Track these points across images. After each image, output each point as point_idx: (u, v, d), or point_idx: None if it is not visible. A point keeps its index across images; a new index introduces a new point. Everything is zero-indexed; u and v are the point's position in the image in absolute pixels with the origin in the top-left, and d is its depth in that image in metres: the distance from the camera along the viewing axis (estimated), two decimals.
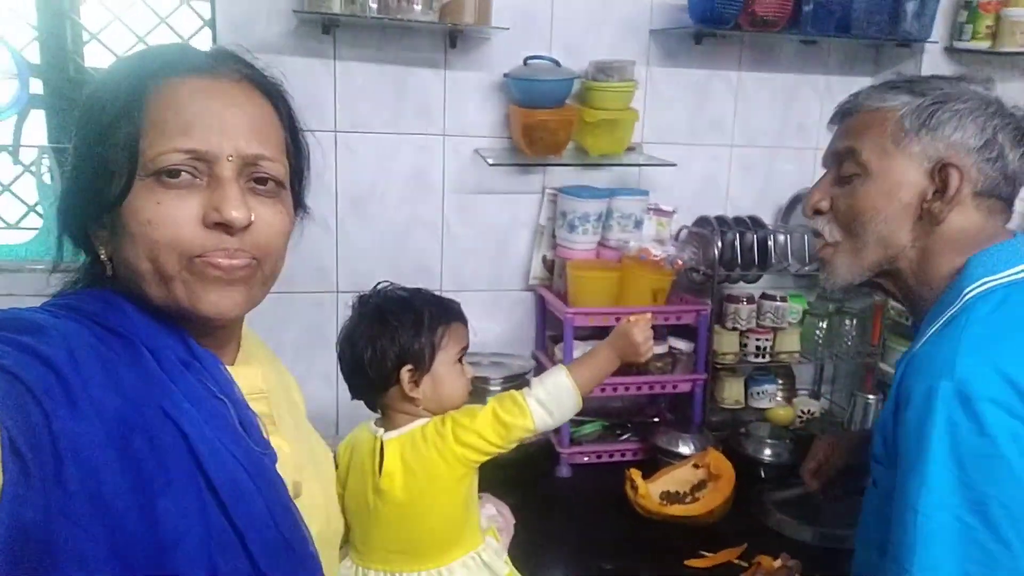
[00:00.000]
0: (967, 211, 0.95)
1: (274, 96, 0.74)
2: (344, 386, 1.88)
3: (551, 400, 1.12)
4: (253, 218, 0.68)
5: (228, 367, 0.74)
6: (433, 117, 1.79)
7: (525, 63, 1.73)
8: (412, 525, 1.09)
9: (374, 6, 1.56)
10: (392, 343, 1.09)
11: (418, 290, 1.17)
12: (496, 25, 1.67)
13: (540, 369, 1.91)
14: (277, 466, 0.73)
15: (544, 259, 1.90)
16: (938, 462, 0.83)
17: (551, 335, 1.90)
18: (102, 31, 1.68)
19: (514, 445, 1.12)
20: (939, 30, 1.88)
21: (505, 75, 1.75)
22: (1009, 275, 0.91)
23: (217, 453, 0.65)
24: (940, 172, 0.95)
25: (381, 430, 1.11)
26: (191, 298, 0.67)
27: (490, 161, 1.76)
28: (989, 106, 0.96)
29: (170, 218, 0.65)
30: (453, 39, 1.73)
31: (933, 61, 1.89)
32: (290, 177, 0.76)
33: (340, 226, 1.79)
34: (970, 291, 0.91)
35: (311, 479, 0.81)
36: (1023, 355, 0.84)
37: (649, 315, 1.21)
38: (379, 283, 1.18)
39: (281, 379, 0.91)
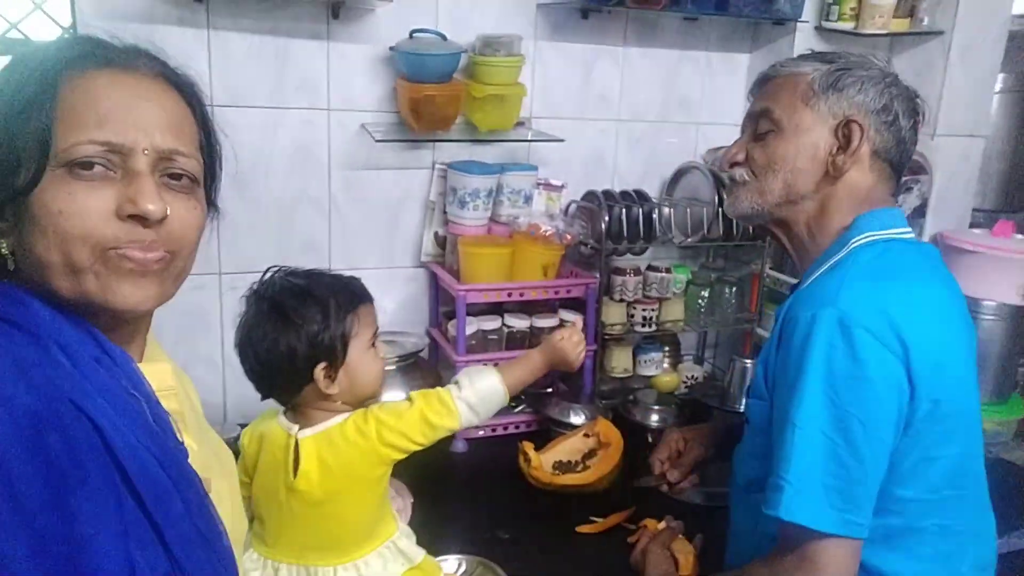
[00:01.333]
0: (863, 169, 1.07)
1: (188, 94, 0.75)
2: (231, 370, 1.83)
3: (481, 403, 1.13)
4: (168, 212, 0.68)
5: (137, 364, 0.73)
6: (317, 90, 1.73)
7: (411, 36, 1.70)
8: (328, 522, 1.06)
9: None
10: (300, 341, 1.01)
11: (315, 274, 1.09)
12: None
13: (434, 347, 1.91)
14: (189, 462, 0.73)
15: (436, 235, 1.89)
16: (814, 380, 0.93)
17: (445, 311, 1.90)
18: None
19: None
20: (810, 10, 1.97)
21: (391, 48, 1.71)
22: (890, 233, 1.05)
23: (133, 448, 0.64)
24: (844, 128, 1.05)
25: (295, 427, 1.06)
26: (103, 290, 0.67)
27: (377, 136, 1.73)
28: (887, 77, 1.08)
29: (83, 209, 0.65)
30: (336, 10, 1.67)
31: (805, 39, 1.99)
32: (203, 176, 0.76)
33: (220, 205, 1.71)
34: (855, 241, 1.04)
35: (217, 477, 0.81)
36: (899, 295, 0.96)
37: (578, 325, 1.26)
38: (269, 269, 1.08)
39: (180, 380, 0.89)
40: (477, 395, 1.12)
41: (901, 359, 0.93)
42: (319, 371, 1.03)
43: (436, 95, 1.69)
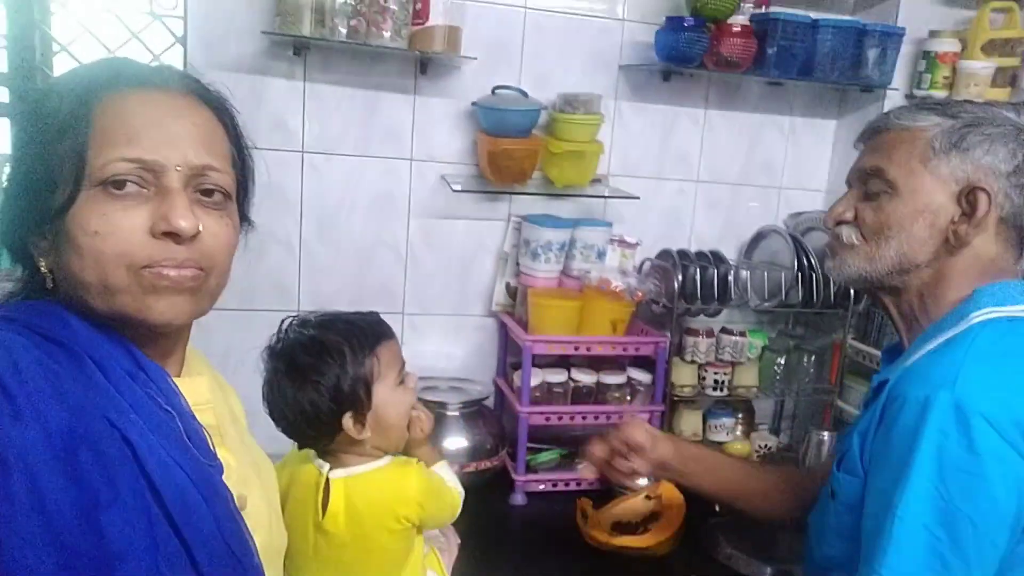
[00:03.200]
0: (988, 238, 0.96)
1: (219, 109, 0.76)
2: None
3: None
4: (201, 228, 0.68)
5: (174, 379, 0.74)
6: (401, 141, 1.80)
7: (493, 92, 1.76)
8: (352, 566, 1.05)
9: (343, 31, 1.58)
10: (321, 396, 1.00)
11: (327, 322, 1.06)
12: (466, 55, 1.70)
13: (499, 395, 1.91)
14: (223, 478, 0.73)
15: (507, 286, 1.91)
16: (922, 469, 0.84)
17: (512, 362, 1.90)
18: (72, 43, 1.69)
19: None
20: (900, 77, 1.93)
21: (473, 103, 1.77)
22: (1014, 310, 0.93)
23: (165, 465, 0.65)
24: (969, 195, 0.94)
25: (327, 465, 1.05)
26: (138, 307, 0.67)
27: (455, 187, 1.78)
28: (1021, 132, 0.96)
29: (118, 228, 0.66)
30: (423, 66, 1.75)
31: (894, 107, 1.94)
32: (236, 190, 0.76)
33: (304, 245, 1.79)
34: (976, 317, 0.92)
35: (255, 492, 0.81)
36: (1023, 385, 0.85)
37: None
38: (283, 321, 1.08)
39: (223, 394, 0.90)
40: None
41: None
42: (347, 420, 1.02)
43: (514, 149, 1.73)
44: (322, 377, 1.00)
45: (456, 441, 1.69)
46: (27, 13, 1.66)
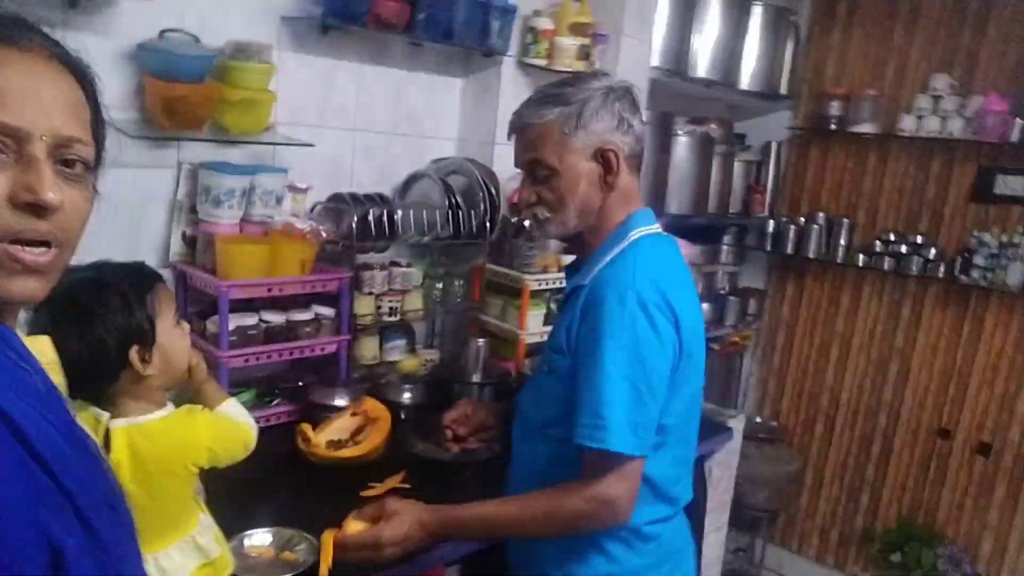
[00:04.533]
0: (626, 173, 1.36)
1: (82, 77, 0.72)
2: None
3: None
4: (64, 201, 0.67)
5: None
6: None
7: (161, 35, 1.70)
8: (136, 512, 1.06)
9: None
10: (107, 330, 1.02)
11: (100, 265, 1.08)
12: None
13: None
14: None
15: (184, 235, 1.88)
16: (623, 344, 1.24)
17: (196, 311, 1.89)
18: None
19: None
20: (515, 46, 2.35)
21: (140, 45, 1.69)
22: (655, 228, 1.37)
23: (33, 420, 0.64)
24: (602, 156, 1.32)
25: (106, 414, 1.04)
26: None
27: (126, 133, 1.69)
28: (610, 93, 1.33)
29: None
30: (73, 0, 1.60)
31: (510, 71, 2.36)
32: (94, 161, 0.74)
33: None
34: (634, 234, 1.34)
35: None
36: (672, 278, 1.31)
37: None
38: None
39: None
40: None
41: (675, 326, 1.26)
42: (133, 354, 1.05)
43: (189, 95, 1.71)
44: (108, 311, 1.02)
45: None
46: None
